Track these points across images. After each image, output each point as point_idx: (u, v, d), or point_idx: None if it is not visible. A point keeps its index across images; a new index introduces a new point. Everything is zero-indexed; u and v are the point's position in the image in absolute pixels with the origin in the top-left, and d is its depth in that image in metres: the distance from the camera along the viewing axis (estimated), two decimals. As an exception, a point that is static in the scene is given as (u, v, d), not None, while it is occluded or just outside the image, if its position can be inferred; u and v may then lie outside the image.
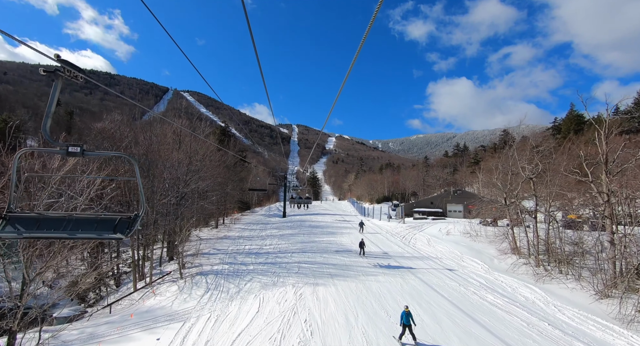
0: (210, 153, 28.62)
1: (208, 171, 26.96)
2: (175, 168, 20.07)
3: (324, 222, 33.60)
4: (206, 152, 24.90)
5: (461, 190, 41.14)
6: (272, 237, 25.26)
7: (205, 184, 22.17)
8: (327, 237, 24.67)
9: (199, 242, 22.99)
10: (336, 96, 5.22)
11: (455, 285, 13.21)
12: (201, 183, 21.99)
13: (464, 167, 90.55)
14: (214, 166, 28.29)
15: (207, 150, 25.60)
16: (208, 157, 25.55)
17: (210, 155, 26.76)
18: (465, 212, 37.43)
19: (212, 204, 29.04)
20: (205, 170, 23.35)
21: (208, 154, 25.78)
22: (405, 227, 27.73)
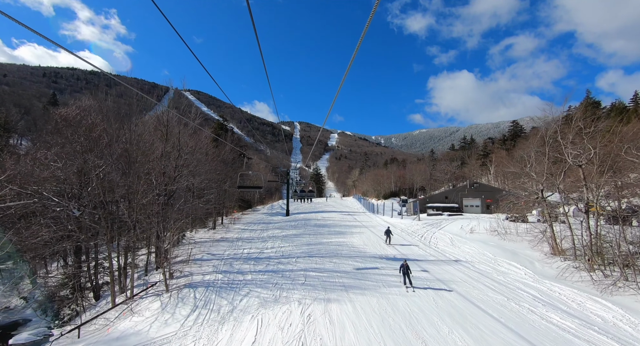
0: (204, 147, 26.04)
1: (202, 166, 24.42)
2: (160, 163, 17.50)
3: (330, 221, 30.97)
4: (197, 144, 22.29)
5: (478, 183, 38.25)
6: (274, 239, 22.68)
7: (198, 181, 19.54)
8: (335, 237, 22.05)
9: (190, 247, 20.48)
10: (337, 92, 5.05)
11: (503, 300, 10.52)
12: (192, 179, 19.37)
13: (473, 159, 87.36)
14: (208, 161, 25.72)
15: (199, 142, 23.01)
16: (200, 150, 22.96)
17: (204, 149, 24.18)
18: (483, 207, 34.61)
19: (208, 203, 26.51)
20: (197, 165, 20.75)
21: (201, 148, 23.19)
22: (421, 224, 25.03)
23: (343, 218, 33.13)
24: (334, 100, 5.62)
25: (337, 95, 5.33)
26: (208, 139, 28.04)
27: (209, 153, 29.88)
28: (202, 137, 25.78)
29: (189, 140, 19.58)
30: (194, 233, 27.69)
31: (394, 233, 22.88)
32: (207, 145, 27.30)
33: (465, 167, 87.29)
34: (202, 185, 25.66)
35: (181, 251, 20.12)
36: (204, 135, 28.40)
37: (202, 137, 25.87)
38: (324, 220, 31.29)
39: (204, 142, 27.28)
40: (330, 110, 6.56)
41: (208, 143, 28.05)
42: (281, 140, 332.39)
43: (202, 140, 26.29)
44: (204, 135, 28.32)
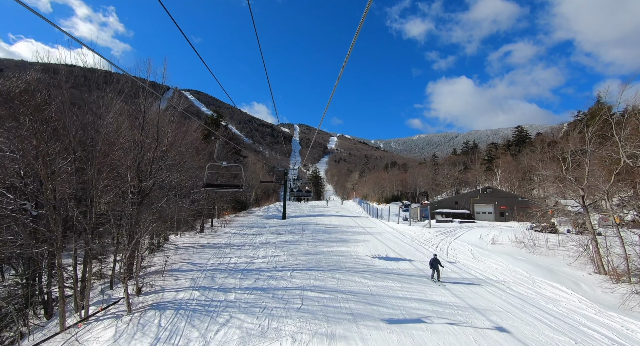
0: (192, 141, 23.34)
1: (188, 162, 21.71)
2: (132, 154, 14.75)
3: (331, 226, 28.21)
4: (181, 136, 19.58)
5: (491, 188, 35.64)
6: (268, 246, 19.91)
7: (183, 178, 16.80)
8: (337, 245, 19.29)
9: (169, 254, 17.67)
10: (331, 92, 5.25)
11: (570, 343, 7.80)
12: (172, 175, 16.64)
13: (477, 164, 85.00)
14: (196, 157, 22.99)
15: (186, 134, 20.32)
16: (185, 142, 20.25)
17: (192, 143, 21.48)
18: (496, 214, 31.98)
19: (194, 204, 23.71)
20: (181, 159, 18.01)
21: (187, 140, 20.49)
22: (433, 232, 22.32)
23: (344, 223, 30.37)
24: (329, 99, 5.82)
25: (332, 95, 5.43)
26: (197, 132, 25.33)
27: (199, 149, 27.19)
28: (189, 129, 23.07)
29: (169, 130, 16.82)
30: (178, 237, 24.88)
31: (404, 242, 20.18)
32: (196, 139, 24.58)
33: (468, 172, 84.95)
34: (188, 184, 22.90)
35: (158, 258, 17.32)
36: (194, 129, 25.70)
37: (189, 129, 23.16)
38: (323, 225, 28.53)
39: (193, 136, 24.57)
40: (326, 110, 6.46)
41: (197, 138, 25.34)
42: (280, 141, 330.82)
43: (190, 133, 23.59)
44: (194, 128, 25.61)
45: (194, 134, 24.92)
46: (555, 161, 55.41)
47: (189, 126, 25.07)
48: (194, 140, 24.93)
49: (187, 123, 25.27)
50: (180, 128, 20.71)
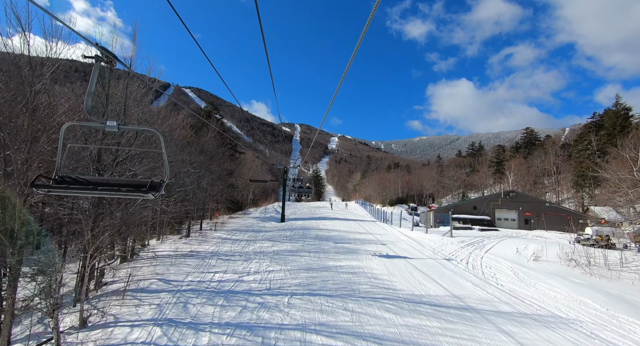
0: (175, 129, 20.08)
1: (173, 154, 18.48)
2: (90, 139, 11.48)
3: (335, 231, 24.92)
4: (158, 120, 16.31)
5: (515, 192, 32.20)
6: (262, 256, 16.61)
7: (145, 170, 13.53)
8: (345, 258, 15.99)
9: (132, 268, 14.35)
10: (334, 94, 5.31)
11: None
12: (139, 167, 13.37)
13: (485, 166, 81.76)
14: (178, 149, 19.72)
15: (161, 118, 17.06)
16: (163, 127, 16.98)
17: (171, 129, 18.21)
18: (520, 221, 28.69)
19: (178, 204, 20.45)
20: (150, 145, 14.71)
21: (167, 126, 17.23)
22: (456, 243, 19.01)
23: (350, 228, 27.07)
24: (331, 101, 5.62)
25: (334, 97, 5.42)
26: (184, 122, 22.05)
27: (191, 143, 23.94)
28: (174, 118, 19.80)
29: (135, 108, 13.50)
30: (160, 242, 21.60)
31: (424, 254, 16.88)
32: (183, 128, 21.31)
33: (475, 174, 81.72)
34: (171, 181, 19.62)
35: (130, 270, 14.04)
36: (181, 118, 22.42)
37: (174, 119, 19.90)
38: (326, 230, 25.23)
39: (179, 124, 21.28)
40: (328, 112, 6.53)
41: (184, 127, 22.07)
42: (281, 141, 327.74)
43: (175, 123, 20.30)
44: (181, 118, 22.33)
45: (181, 123, 21.64)
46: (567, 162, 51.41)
47: (175, 117, 21.83)
48: (179, 130, 21.66)
49: (173, 115, 22.05)
50: (162, 114, 17.46)
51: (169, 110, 24.52)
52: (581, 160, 49.06)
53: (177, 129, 21.83)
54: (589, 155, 48.28)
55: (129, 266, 15.53)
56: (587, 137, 59.96)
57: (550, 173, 63.04)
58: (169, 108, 26.33)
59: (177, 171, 19.93)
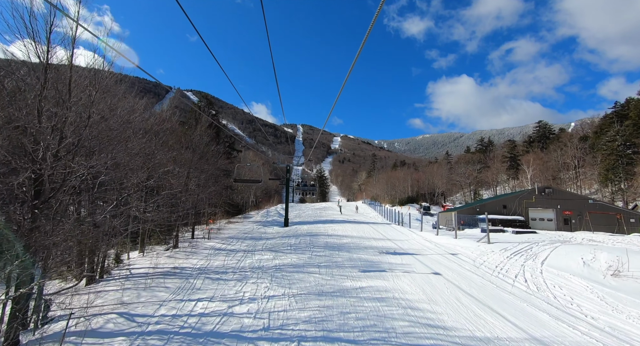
0: (157, 122, 16.87)
1: (155, 150, 15.32)
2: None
3: (347, 238, 21.55)
4: (123, 106, 13.09)
5: (551, 188, 28.49)
6: (261, 274, 13.29)
7: (106, 165, 10.28)
8: (366, 276, 12.59)
9: (90, 297, 11.06)
10: (337, 95, 5.51)
11: None
12: (96, 161, 10.13)
13: (497, 162, 77.99)
14: (161, 145, 16.47)
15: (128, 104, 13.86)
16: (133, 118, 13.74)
17: (147, 122, 14.97)
18: (559, 221, 25.10)
19: (161, 209, 17.22)
20: (119, 140, 11.47)
21: (135, 115, 14.01)
22: (497, 251, 15.53)
23: (364, 233, 23.68)
24: (334, 102, 5.84)
25: (337, 99, 5.67)
26: (168, 112, 18.78)
27: (181, 140, 20.78)
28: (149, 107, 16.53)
29: (92, 92, 10.23)
30: (142, 256, 18.37)
31: (464, 267, 13.43)
32: (162, 120, 18.07)
33: (488, 171, 77.97)
34: (152, 183, 16.41)
35: (85, 299, 10.80)
36: (166, 108, 19.17)
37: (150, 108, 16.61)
38: (337, 237, 21.87)
39: (162, 116, 18.05)
40: (331, 113, 6.83)
41: (169, 120, 18.84)
42: (283, 142, 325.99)
43: (162, 115, 17.06)
44: (164, 108, 19.07)
45: (163, 116, 18.38)
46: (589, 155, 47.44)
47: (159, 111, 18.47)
48: (164, 122, 18.41)
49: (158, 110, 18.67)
50: (131, 99, 14.23)
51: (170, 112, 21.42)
52: (609, 152, 45.25)
53: (162, 122, 18.62)
54: (617, 146, 44.46)
55: (92, 291, 12.29)
56: (610, 128, 56.00)
57: (570, 167, 59.17)
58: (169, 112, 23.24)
59: (158, 170, 16.71)
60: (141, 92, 21.94)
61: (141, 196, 17.02)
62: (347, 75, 4.46)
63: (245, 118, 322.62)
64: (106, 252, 14.50)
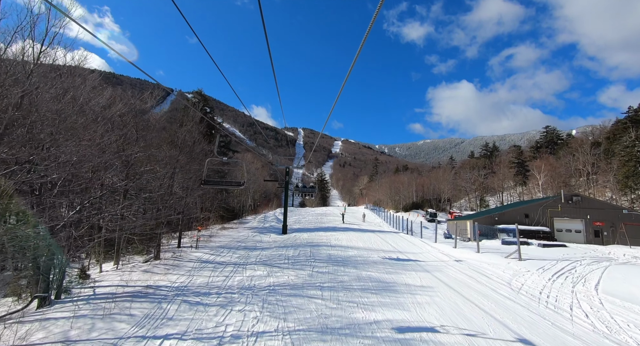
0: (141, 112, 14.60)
1: (134, 141, 13.02)
2: None
3: (352, 249, 19.08)
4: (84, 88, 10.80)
5: (579, 196, 25.92)
6: (250, 297, 10.85)
7: (57, 161, 7.91)
8: (380, 302, 10.14)
9: (31, 327, 8.59)
10: (336, 98, 5.65)
11: None
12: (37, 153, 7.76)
13: (504, 168, 75.65)
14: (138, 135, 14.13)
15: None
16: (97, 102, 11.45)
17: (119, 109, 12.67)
18: (588, 233, 22.62)
19: (142, 213, 14.82)
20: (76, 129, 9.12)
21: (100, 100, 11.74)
22: (533, 270, 13.06)
23: (370, 243, 21.22)
24: (333, 105, 5.78)
25: (335, 101, 5.63)
26: (151, 99, 16.45)
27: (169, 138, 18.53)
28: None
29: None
30: (115, 268, 15.90)
31: (500, 293, 10.95)
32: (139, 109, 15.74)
33: (494, 176, 75.66)
34: (124, 185, 14.03)
35: (22, 333, 8.37)
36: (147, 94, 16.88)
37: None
38: (341, 248, 19.41)
39: (140, 107, 15.72)
40: (330, 115, 6.66)
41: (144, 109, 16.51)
42: (284, 145, 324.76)
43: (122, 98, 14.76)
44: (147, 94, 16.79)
45: (143, 107, 16.05)
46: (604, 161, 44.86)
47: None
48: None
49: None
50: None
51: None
52: (627, 158, 42.86)
53: (140, 114, 16.29)
54: (637, 152, 42.08)
55: (40, 317, 9.83)
56: (624, 134, 53.72)
57: (583, 174, 56.77)
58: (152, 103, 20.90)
59: (137, 170, 14.33)
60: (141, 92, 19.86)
61: (115, 199, 14.62)
62: (346, 77, 4.59)
63: (246, 121, 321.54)
64: (65, 266, 12.05)
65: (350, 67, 4.23)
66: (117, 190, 13.92)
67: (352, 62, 4.05)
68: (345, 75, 4.46)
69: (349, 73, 4.50)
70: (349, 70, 4.35)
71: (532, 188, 65.67)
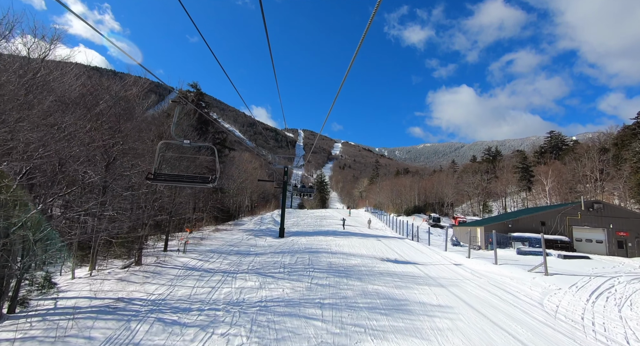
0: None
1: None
2: None
3: (355, 257, 17.36)
4: None
5: (601, 202, 24.12)
6: (238, 316, 9.13)
7: None
8: (393, 328, 8.42)
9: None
10: (334, 99, 5.64)
11: None
12: None
13: (508, 172, 74.08)
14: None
15: None
16: None
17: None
18: (611, 244, 20.93)
19: (116, 213, 13.12)
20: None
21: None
22: (566, 288, 11.38)
23: (375, 250, 19.51)
24: (332, 104, 5.82)
25: (334, 101, 5.62)
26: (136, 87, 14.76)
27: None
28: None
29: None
30: (89, 275, 14.15)
31: (539, 319, 9.23)
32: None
33: (497, 181, 74.05)
34: (97, 180, 12.34)
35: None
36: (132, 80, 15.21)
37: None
38: (343, 255, 17.69)
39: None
40: (329, 115, 6.85)
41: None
42: (284, 146, 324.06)
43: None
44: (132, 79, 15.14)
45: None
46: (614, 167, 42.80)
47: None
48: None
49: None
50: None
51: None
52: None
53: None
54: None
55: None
56: (633, 140, 52.28)
57: (590, 180, 55.18)
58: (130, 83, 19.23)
59: (112, 164, 12.66)
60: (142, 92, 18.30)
61: (92, 197, 12.89)
62: (345, 75, 4.62)
63: (246, 122, 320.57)
64: (22, 274, 10.32)
65: (348, 66, 4.24)
66: (91, 186, 12.22)
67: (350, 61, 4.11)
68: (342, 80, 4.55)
69: (347, 72, 4.51)
70: (348, 69, 4.37)
71: (536, 194, 64.08)
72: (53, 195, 10.76)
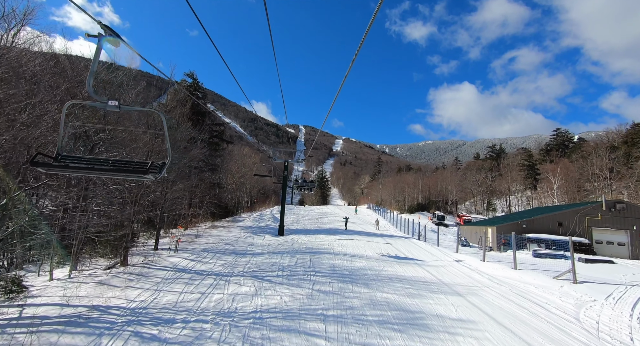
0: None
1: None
2: None
3: (360, 259, 16.07)
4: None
5: (624, 202, 22.63)
6: (227, 330, 7.84)
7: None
8: (409, 348, 7.15)
9: None
10: (335, 95, 5.43)
11: None
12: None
13: (513, 170, 72.65)
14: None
15: None
16: None
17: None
18: (635, 247, 19.57)
19: (105, 209, 11.81)
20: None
21: None
22: (601, 299, 10.08)
23: (381, 250, 18.21)
24: (333, 101, 5.65)
25: (335, 98, 5.44)
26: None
27: None
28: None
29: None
30: (68, 276, 12.89)
31: (568, 333, 7.91)
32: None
33: (502, 179, 72.72)
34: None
35: None
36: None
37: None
38: (346, 257, 16.39)
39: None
40: (330, 111, 6.54)
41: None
42: (285, 142, 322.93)
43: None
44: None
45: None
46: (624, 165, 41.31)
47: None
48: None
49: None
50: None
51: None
52: (653, 163, 39.81)
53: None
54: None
55: None
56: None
57: (599, 179, 53.75)
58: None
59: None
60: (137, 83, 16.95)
61: (61, 189, 11.59)
62: (346, 73, 4.55)
63: (247, 117, 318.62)
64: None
65: (350, 64, 4.23)
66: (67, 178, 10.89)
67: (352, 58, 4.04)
68: (346, 71, 4.51)
69: (349, 69, 4.49)
70: (349, 67, 4.33)
71: (542, 193, 62.72)
72: (21, 188, 9.46)
